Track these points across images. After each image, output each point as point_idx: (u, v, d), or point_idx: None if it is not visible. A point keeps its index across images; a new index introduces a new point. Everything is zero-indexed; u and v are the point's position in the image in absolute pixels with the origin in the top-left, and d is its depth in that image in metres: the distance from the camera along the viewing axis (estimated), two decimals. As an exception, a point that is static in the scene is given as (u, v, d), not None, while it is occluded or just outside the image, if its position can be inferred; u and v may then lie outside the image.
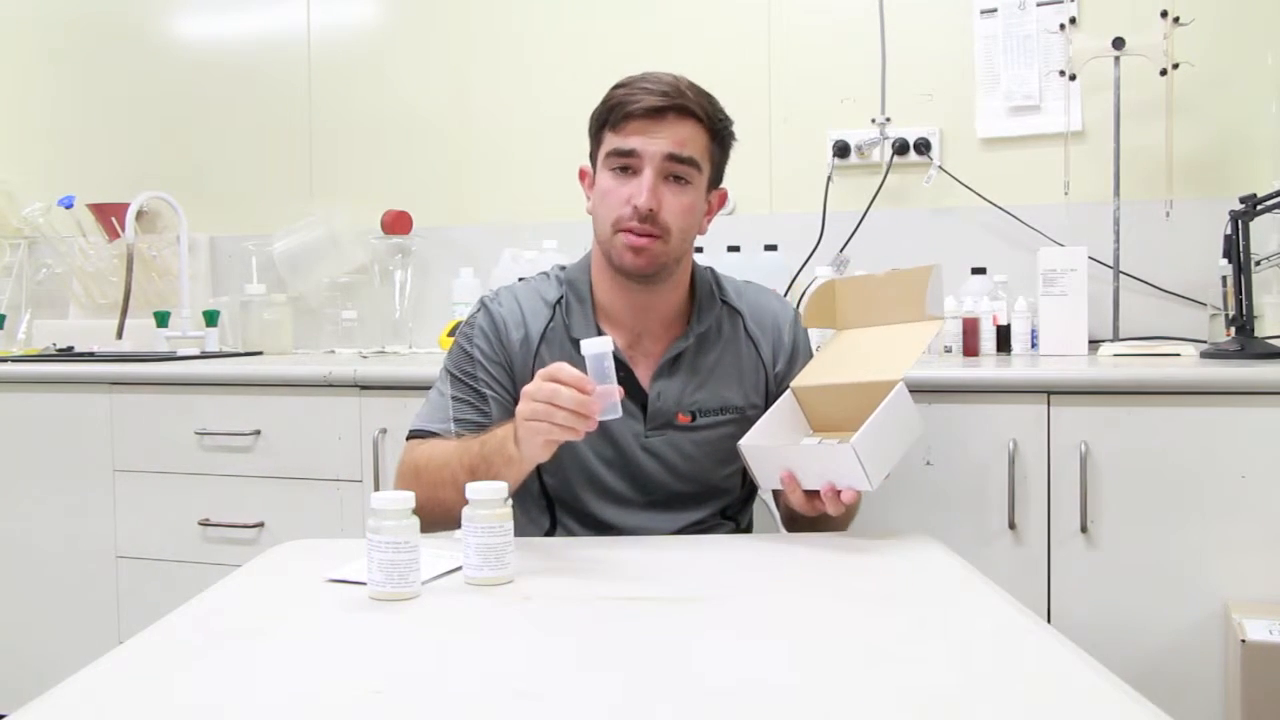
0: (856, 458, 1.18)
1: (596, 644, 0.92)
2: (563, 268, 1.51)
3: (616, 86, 1.39)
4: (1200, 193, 2.23)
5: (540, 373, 1.18)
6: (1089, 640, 0.93)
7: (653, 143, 1.34)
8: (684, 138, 1.35)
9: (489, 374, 1.41)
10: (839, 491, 1.22)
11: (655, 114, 1.34)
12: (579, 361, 1.40)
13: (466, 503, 1.24)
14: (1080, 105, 2.30)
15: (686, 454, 1.42)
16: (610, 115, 1.37)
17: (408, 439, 1.43)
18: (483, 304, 1.48)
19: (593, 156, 1.44)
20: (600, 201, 1.39)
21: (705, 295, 1.47)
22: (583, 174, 1.47)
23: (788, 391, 1.40)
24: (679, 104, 1.35)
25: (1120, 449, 1.69)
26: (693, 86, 1.38)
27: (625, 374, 1.41)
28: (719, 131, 1.40)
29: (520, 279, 1.56)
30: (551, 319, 1.44)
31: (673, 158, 1.35)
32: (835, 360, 1.40)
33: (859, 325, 1.39)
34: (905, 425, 1.25)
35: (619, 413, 1.16)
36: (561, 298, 1.45)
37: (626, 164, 1.36)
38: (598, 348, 1.12)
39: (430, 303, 2.71)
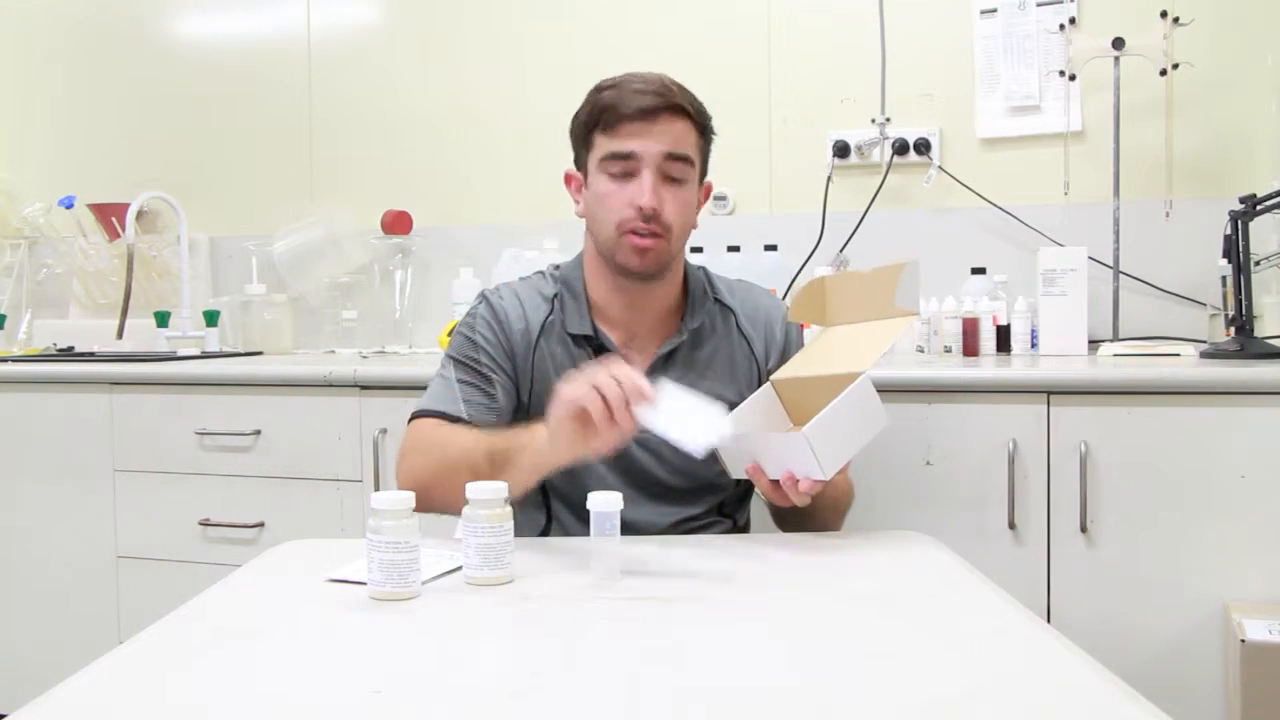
0: (809, 446, 1.18)
1: (596, 644, 0.92)
2: (556, 267, 1.53)
3: (600, 89, 1.40)
4: (1200, 193, 2.23)
5: (589, 372, 1.14)
6: (1089, 640, 0.93)
7: (650, 144, 1.35)
8: (678, 136, 1.37)
9: (493, 359, 1.42)
10: (798, 481, 1.23)
11: (649, 114, 1.35)
12: (577, 355, 1.42)
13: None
14: (1080, 105, 2.30)
15: (680, 449, 1.42)
16: (602, 118, 1.37)
17: (411, 420, 1.42)
18: (484, 296, 1.49)
19: (580, 161, 1.45)
20: (599, 205, 1.40)
21: (698, 293, 1.49)
22: (569, 179, 1.48)
23: (766, 384, 1.40)
24: (671, 103, 1.36)
25: (1120, 449, 1.69)
26: (677, 84, 1.40)
27: None
28: (705, 126, 1.42)
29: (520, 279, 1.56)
30: (550, 313, 1.46)
31: (671, 156, 1.36)
32: (814, 354, 1.41)
33: (845, 321, 1.40)
34: (866, 417, 1.26)
35: (619, 576, 1.10)
36: (557, 294, 1.47)
37: (626, 168, 1.37)
38: (606, 506, 1.08)
39: (430, 303, 2.71)
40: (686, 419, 1.13)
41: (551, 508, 1.45)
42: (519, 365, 1.43)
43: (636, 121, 1.35)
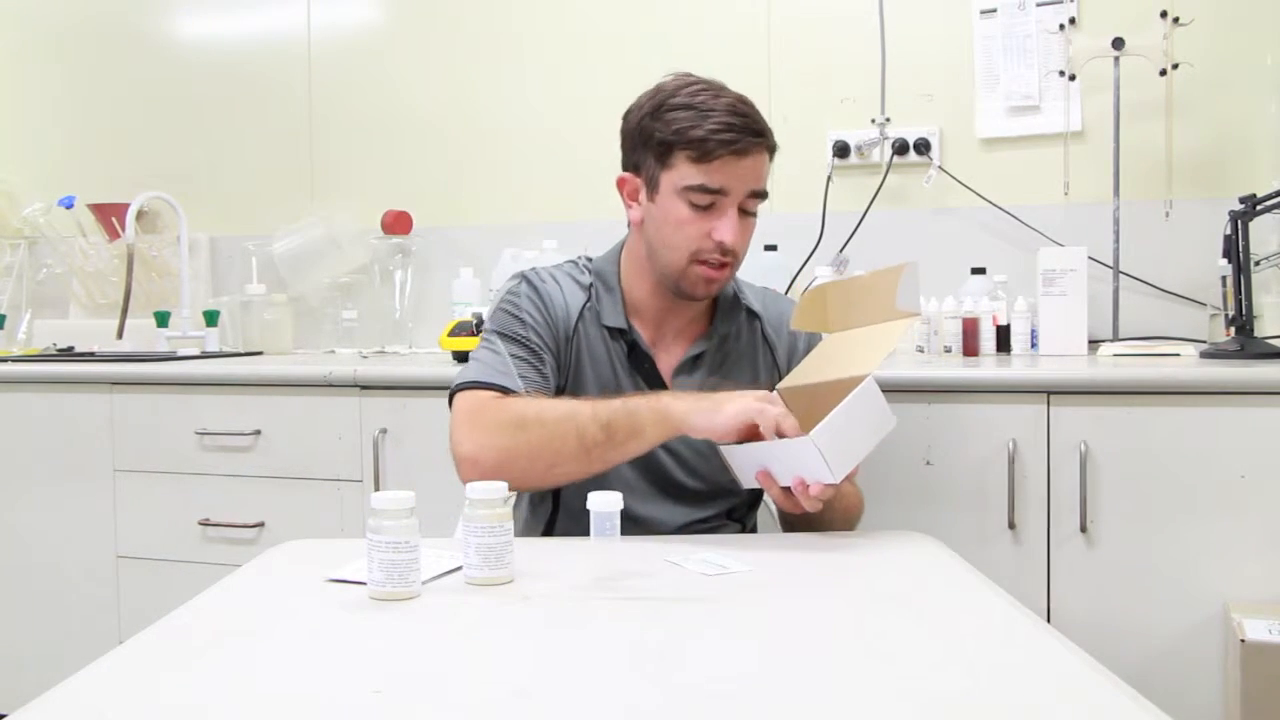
0: (817, 450, 1.18)
1: (596, 644, 0.92)
2: (589, 259, 1.52)
3: (680, 105, 1.34)
4: (1200, 193, 2.23)
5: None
6: (1089, 640, 0.93)
7: (740, 181, 1.35)
8: (762, 171, 1.37)
9: (541, 338, 1.41)
10: (809, 486, 1.23)
11: (742, 151, 1.34)
12: (611, 347, 1.43)
13: (585, 463, 1.28)
14: (1080, 105, 2.30)
15: (699, 451, 1.43)
16: (691, 144, 1.33)
17: (457, 391, 1.36)
18: (523, 277, 1.47)
19: (641, 165, 1.40)
20: (673, 230, 1.37)
21: (728, 298, 1.50)
22: (623, 182, 1.44)
23: (774, 394, 1.40)
24: (760, 136, 1.35)
25: (1120, 449, 1.69)
26: (757, 111, 1.37)
27: (649, 365, 1.43)
28: (774, 153, 1.41)
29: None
30: (588, 300, 1.46)
31: (754, 194, 1.37)
32: (819, 361, 1.41)
33: (847, 326, 1.40)
34: (874, 419, 1.26)
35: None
36: (592, 284, 1.47)
37: (711, 200, 1.35)
38: (606, 506, 1.10)
39: (430, 303, 2.71)
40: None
41: (560, 495, 1.44)
42: (562, 347, 1.43)
43: (729, 157, 1.33)
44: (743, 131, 1.33)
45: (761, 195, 1.38)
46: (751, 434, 1.23)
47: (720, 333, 1.47)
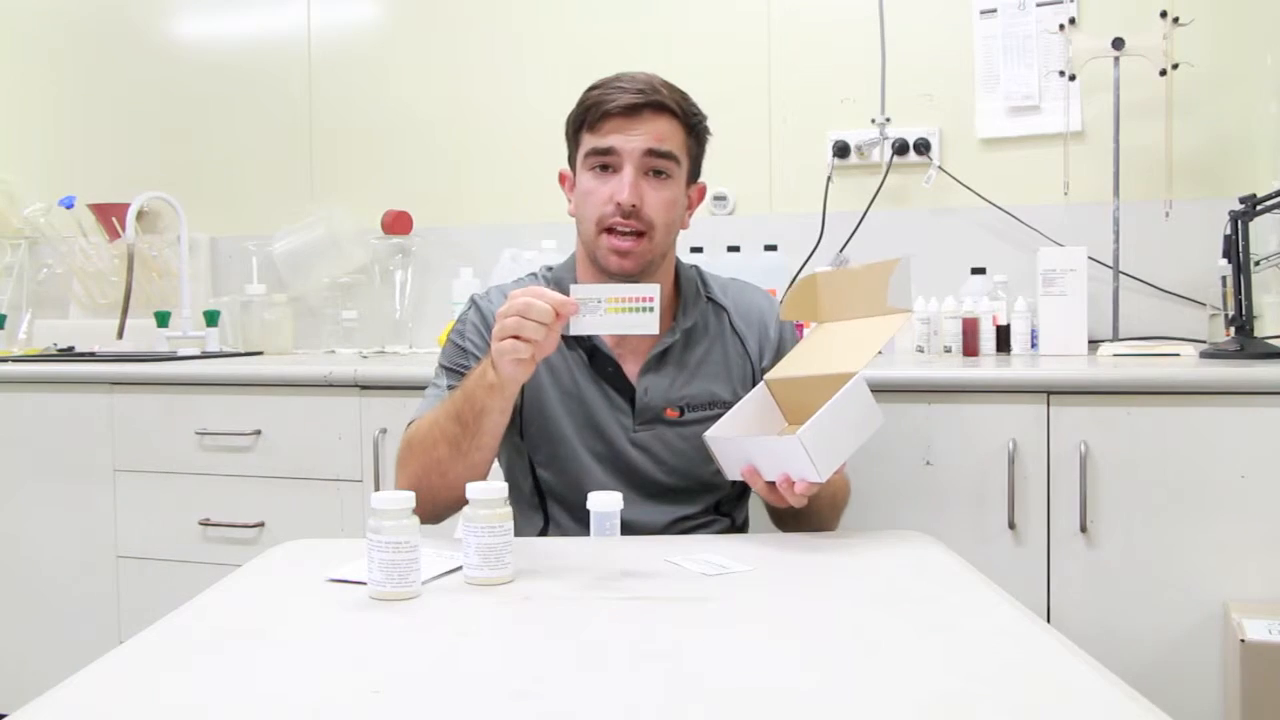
0: (803, 449, 1.18)
1: (596, 644, 0.92)
2: (549, 268, 1.53)
3: (591, 89, 1.41)
4: (1200, 193, 2.23)
5: (512, 294, 1.21)
6: (1089, 640, 0.94)
7: (631, 139, 1.36)
8: (661, 133, 1.38)
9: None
10: (795, 483, 1.23)
11: (631, 111, 1.36)
12: (568, 357, 1.42)
13: (461, 459, 1.27)
14: (1080, 105, 2.30)
15: (675, 449, 1.43)
16: (586, 116, 1.39)
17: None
18: (473, 302, 1.50)
19: (571, 160, 1.46)
20: (582, 202, 1.41)
21: (690, 292, 1.49)
22: (563, 178, 1.49)
23: (760, 384, 1.40)
24: (654, 100, 1.37)
25: (1120, 449, 1.69)
26: (666, 83, 1.40)
27: (613, 369, 1.43)
28: (694, 126, 1.42)
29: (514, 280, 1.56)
30: None
31: (652, 153, 1.37)
32: (808, 353, 1.41)
33: (838, 318, 1.40)
34: (861, 417, 1.26)
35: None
36: None
37: (606, 162, 1.38)
38: (606, 506, 1.11)
39: (430, 303, 2.71)
40: (619, 314, 1.21)
41: (548, 510, 1.45)
42: None
43: (619, 118, 1.36)
44: (631, 93, 1.36)
45: (666, 156, 1.38)
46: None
47: (683, 327, 1.46)
